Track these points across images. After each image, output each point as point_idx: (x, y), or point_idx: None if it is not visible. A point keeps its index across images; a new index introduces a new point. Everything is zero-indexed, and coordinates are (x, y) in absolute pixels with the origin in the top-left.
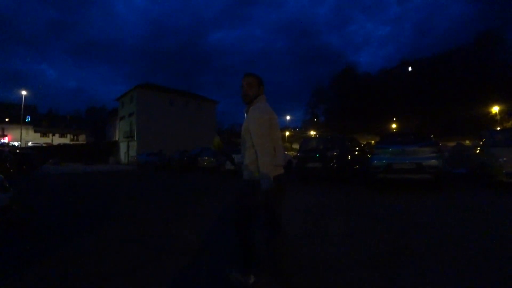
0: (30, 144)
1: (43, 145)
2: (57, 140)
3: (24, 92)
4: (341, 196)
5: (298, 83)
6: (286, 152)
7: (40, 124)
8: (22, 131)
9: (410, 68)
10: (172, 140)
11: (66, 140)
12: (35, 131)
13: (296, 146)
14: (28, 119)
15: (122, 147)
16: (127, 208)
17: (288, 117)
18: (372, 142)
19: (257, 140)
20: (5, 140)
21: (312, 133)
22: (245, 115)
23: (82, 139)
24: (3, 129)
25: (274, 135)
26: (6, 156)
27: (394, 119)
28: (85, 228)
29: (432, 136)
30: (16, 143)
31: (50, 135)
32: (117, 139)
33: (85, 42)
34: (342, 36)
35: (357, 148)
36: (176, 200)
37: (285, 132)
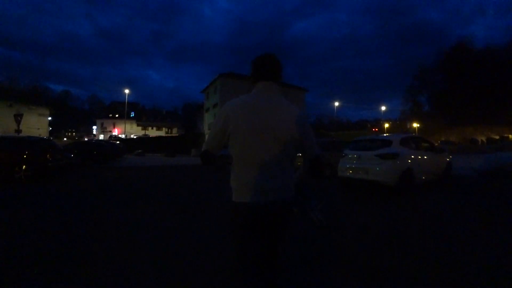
0: (132, 136)
1: (142, 136)
2: (154, 132)
3: (127, 91)
4: None
5: (393, 69)
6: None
7: (141, 119)
8: (127, 125)
9: None
10: None
11: (161, 133)
12: (138, 125)
13: None
14: (132, 114)
15: None
16: None
17: (383, 108)
18: None
19: None
20: (115, 132)
21: (415, 125)
22: None
23: (175, 131)
24: (114, 124)
25: (237, 142)
26: (47, 147)
27: None
28: None
29: None
30: (122, 135)
31: (150, 128)
32: (203, 131)
33: (180, 46)
34: (444, 9)
35: None
36: None
37: (384, 123)
